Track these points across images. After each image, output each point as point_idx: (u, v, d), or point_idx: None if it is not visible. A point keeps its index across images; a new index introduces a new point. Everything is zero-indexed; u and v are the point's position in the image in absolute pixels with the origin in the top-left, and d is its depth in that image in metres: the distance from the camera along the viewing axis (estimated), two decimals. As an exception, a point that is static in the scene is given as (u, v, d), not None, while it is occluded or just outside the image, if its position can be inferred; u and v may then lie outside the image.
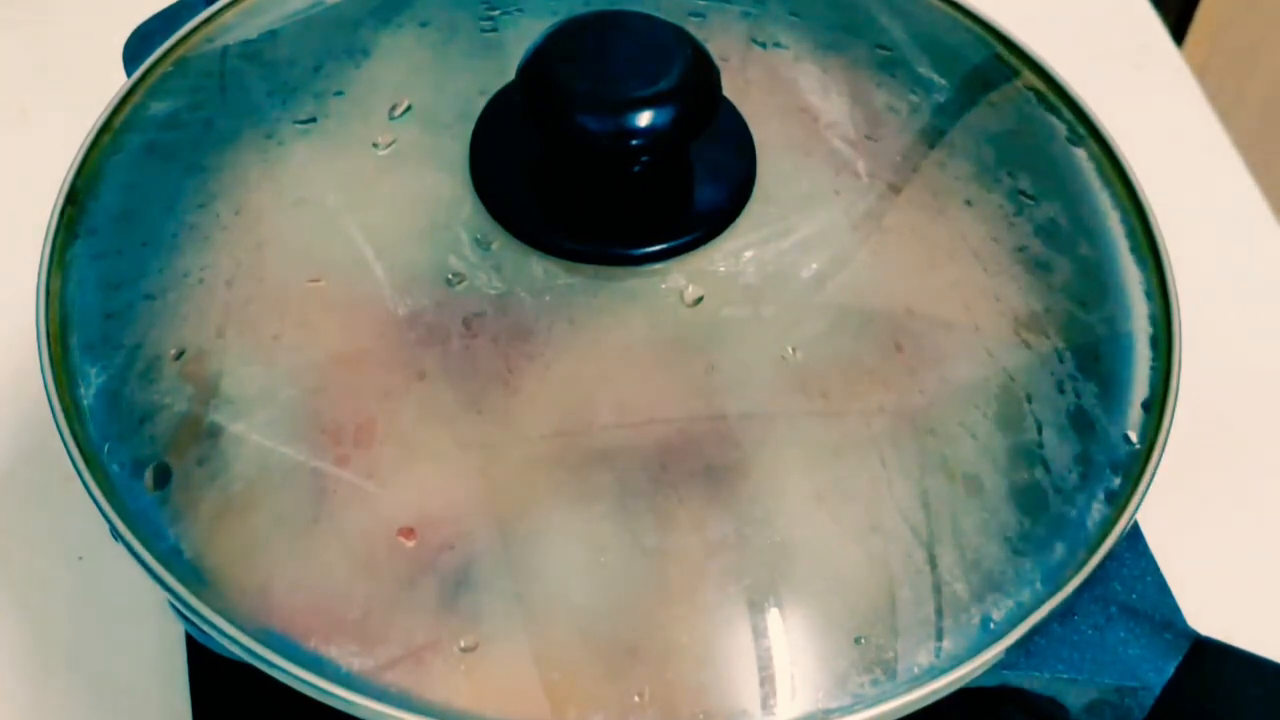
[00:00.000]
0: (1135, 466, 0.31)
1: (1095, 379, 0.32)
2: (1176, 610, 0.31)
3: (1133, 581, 0.31)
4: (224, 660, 0.29)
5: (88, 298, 0.32)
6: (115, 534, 0.29)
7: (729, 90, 0.32)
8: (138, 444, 0.30)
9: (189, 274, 0.31)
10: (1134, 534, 0.31)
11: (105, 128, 0.35)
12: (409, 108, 0.33)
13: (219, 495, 0.29)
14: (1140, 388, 0.32)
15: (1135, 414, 0.31)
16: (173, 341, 0.31)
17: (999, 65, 0.37)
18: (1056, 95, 0.36)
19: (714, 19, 0.36)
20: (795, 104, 0.34)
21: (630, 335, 0.30)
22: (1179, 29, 0.79)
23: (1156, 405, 0.32)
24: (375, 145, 0.33)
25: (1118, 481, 0.30)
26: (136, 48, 0.38)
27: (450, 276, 0.31)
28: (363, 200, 0.32)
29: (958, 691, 0.28)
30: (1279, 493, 0.46)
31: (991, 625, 0.28)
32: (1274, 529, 0.45)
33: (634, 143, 0.29)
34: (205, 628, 0.28)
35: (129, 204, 0.33)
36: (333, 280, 0.31)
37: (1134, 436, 0.31)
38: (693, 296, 0.30)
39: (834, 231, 0.32)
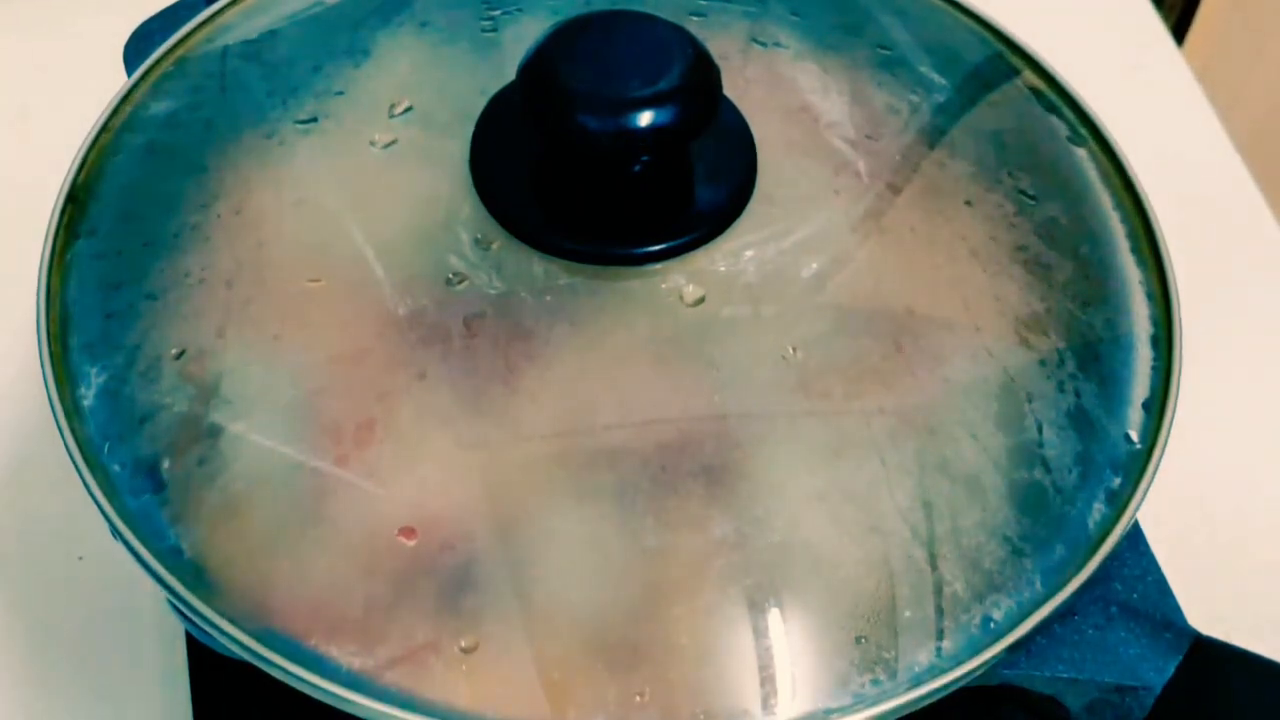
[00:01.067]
0: (1135, 466, 0.31)
1: (1095, 379, 0.32)
2: (1176, 610, 0.31)
3: (1133, 581, 0.31)
4: (224, 660, 0.29)
5: (88, 298, 0.32)
6: (115, 534, 0.29)
7: (729, 90, 0.32)
8: (138, 444, 0.30)
9: (189, 274, 0.31)
10: (1134, 534, 0.31)
11: (105, 128, 0.35)
12: (409, 107, 0.33)
13: (219, 495, 0.29)
14: (1140, 388, 0.32)
15: (1136, 414, 0.31)
16: (173, 341, 0.31)
17: (999, 65, 0.37)
18: (1057, 95, 0.36)
19: (714, 19, 0.35)
20: (795, 104, 0.34)
21: (630, 335, 0.30)
22: (1179, 29, 0.79)
23: (1157, 405, 0.32)
24: (375, 145, 0.33)
25: (1118, 481, 0.30)
26: (136, 48, 0.38)
27: (450, 276, 0.30)
28: (363, 200, 0.32)
29: (958, 691, 0.28)
30: (1279, 493, 0.46)
31: (991, 625, 0.28)
32: (1274, 529, 0.45)
33: (634, 142, 0.29)
34: (205, 628, 0.28)
35: (129, 204, 0.33)
36: (333, 280, 0.31)
37: (1134, 436, 0.31)
38: (693, 296, 0.30)
39: (834, 231, 0.32)
